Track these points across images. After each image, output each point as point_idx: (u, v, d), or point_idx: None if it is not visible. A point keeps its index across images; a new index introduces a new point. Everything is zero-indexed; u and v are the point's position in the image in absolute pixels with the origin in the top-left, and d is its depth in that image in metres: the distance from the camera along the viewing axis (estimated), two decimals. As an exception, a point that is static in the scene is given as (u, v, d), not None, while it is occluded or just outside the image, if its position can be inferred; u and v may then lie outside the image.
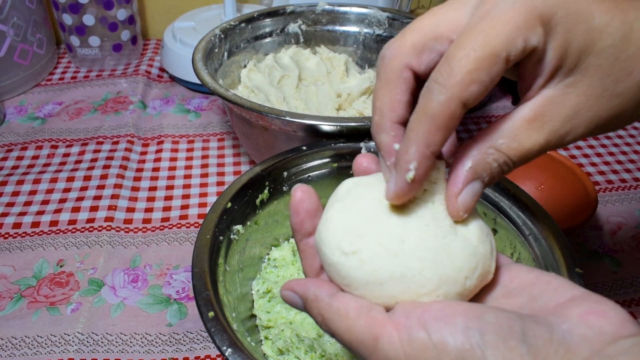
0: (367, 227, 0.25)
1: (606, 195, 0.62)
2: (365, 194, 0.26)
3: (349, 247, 0.24)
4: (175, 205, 0.58)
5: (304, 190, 0.27)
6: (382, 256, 0.24)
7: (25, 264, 0.51)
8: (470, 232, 0.25)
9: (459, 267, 0.24)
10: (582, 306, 0.22)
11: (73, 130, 0.69)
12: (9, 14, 0.71)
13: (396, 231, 0.24)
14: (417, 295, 0.24)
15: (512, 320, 0.21)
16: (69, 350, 0.43)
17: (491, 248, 0.26)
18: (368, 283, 0.24)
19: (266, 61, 0.66)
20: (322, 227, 0.26)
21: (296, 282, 0.26)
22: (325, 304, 0.24)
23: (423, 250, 0.24)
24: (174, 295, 0.49)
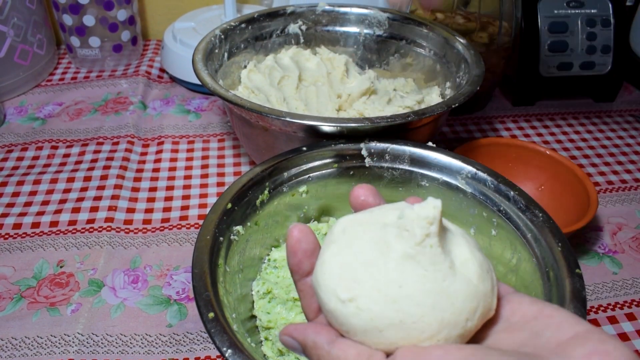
0: (363, 272, 0.24)
1: (606, 196, 0.62)
2: (361, 235, 0.26)
3: (345, 294, 0.24)
4: (176, 206, 0.58)
5: (300, 229, 0.27)
6: (379, 303, 0.23)
7: (25, 264, 0.51)
8: (470, 271, 0.25)
9: (459, 309, 0.24)
10: (586, 346, 0.21)
11: (73, 130, 0.69)
12: (9, 15, 0.71)
13: (393, 276, 0.24)
14: (417, 340, 0.23)
15: None
16: (69, 351, 0.43)
17: (492, 285, 0.25)
18: (367, 330, 0.24)
19: (266, 62, 0.66)
20: (318, 271, 0.26)
21: (295, 327, 0.26)
22: (324, 351, 0.24)
23: (422, 296, 0.23)
24: (174, 296, 0.49)
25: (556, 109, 0.77)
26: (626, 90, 0.81)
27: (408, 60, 0.67)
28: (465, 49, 0.60)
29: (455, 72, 0.60)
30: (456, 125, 0.73)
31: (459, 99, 0.50)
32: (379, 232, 0.25)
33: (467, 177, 0.44)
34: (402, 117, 0.47)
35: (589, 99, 0.80)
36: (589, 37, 0.73)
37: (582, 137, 0.72)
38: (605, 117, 0.76)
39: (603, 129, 0.73)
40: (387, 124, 0.46)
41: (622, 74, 0.76)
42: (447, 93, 0.61)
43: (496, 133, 0.72)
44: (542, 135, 0.72)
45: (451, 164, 0.45)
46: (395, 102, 0.60)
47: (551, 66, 0.73)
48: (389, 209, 0.27)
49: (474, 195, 0.44)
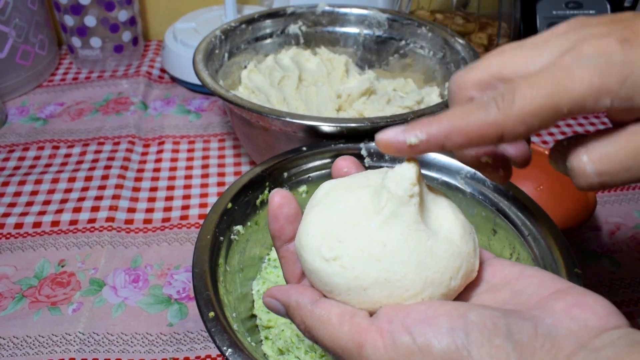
0: (347, 232, 0.24)
1: (605, 195, 0.62)
2: (344, 197, 0.26)
3: (329, 253, 0.24)
4: (176, 206, 0.58)
5: (282, 195, 0.27)
6: (364, 261, 0.23)
7: (26, 263, 0.51)
8: (453, 232, 0.25)
9: (442, 268, 0.24)
10: (566, 299, 0.22)
11: (74, 131, 0.69)
12: (11, 15, 0.71)
13: (377, 235, 0.24)
14: (401, 298, 0.23)
15: (497, 318, 0.21)
16: (70, 350, 0.44)
17: (474, 246, 0.26)
18: (350, 289, 0.24)
19: (266, 62, 0.66)
20: (302, 232, 0.26)
21: (278, 289, 0.26)
22: (307, 311, 0.24)
23: (406, 254, 0.23)
24: (174, 296, 0.49)
25: (555, 109, 0.77)
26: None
27: (407, 60, 0.67)
28: (464, 49, 0.60)
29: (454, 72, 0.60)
30: (456, 126, 0.73)
31: (458, 100, 0.51)
32: (363, 194, 0.25)
33: (466, 177, 0.44)
34: (401, 117, 0.48)
35: None
36: (588, 38, 0.73)
37: (581, 137, 0.72)
38: (604, 117, 0.76)
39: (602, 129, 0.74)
40: (386, 124, 0.47)
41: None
42: (446, 93, 0.61)
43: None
44: (540, 135, 0.72)
45: (450, 164, 0.45)
46: (395, 102, 0.60)
47: (550, 66, 0.74)
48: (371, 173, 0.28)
49: (473, 195, 0.44)
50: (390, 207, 0.24)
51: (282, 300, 0.25)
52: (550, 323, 0.21)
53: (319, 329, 0.23)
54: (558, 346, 0.20)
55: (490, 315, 0.21)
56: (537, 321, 0.21)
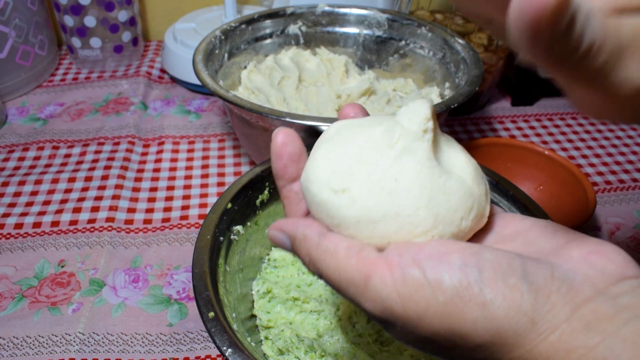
0: (358, 166, 0.24)
1: (605, 195, 0.62)
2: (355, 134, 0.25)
3: (339, 184, 0.23)
4: (176, 206, 0.58)
5: (286, 133, 0.26)
6: (374, 194, 0.23)
7: (26, 264, 0.51)
8: (465, 173, 0.24)
9: (454, 206, 0.23)
10: (583, 247, 0.21)
11: (74, 131, 0.69)
12: (11, 16, 0.71)
13: (389, 169, 0.23)
14: (411, 235, 0.23)
15: (512, 259, 0.20)
16: (70, 350, 0.44)
17: (486, 190, 0.25)
18: (359, 222, 0.23)
19: (266, 62, 0.66)
20: (310, 167, 0.25)
21: (285, 221, 0.25)
22: (314, 243, 0.23)
23: (418, 189, 0.23)
24: (174, 296, 0.49)
25: (555, 109, 0.77)
26: (625, 91, 0.82)
27: (407, 60, 0.67)
28: (464, 49, 0.60)
29: (454, 72, 0.60)
30: (455, 126, 0.73)
31: (458, 99, 0.51)
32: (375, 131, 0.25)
33: (466, 177, 0.44)
34: (401, 117, 0.48)
35: None
36: (588, 38, 0.73)
37: (580, 137, 0.72)
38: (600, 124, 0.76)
39: (601, 129, 0.74)
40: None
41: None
42: (446, 93, 0.61)
43: (495, 133, 0.72)
44: (540, 135, 0.72)
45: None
46: (395, 102, 0.60)
47: (550, 67, 0.74)
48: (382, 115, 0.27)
49: (473, 195, 0.44)
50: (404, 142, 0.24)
51: (289, 232, 0.24)
52: (568, 268, 0.20)
53: (324, 261, 0.22)
54: (575, 290, 0.19)
55: (505, 255, 0.20)
56: (553, 266, 0.20)
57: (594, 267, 0.20)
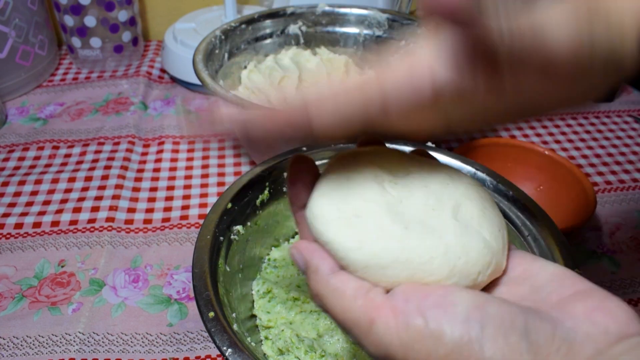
0: (365, 207, 0.23)
1: (605, 195, 0.62)
2: (365, 168, 0.25)
3: (345, 225, 0.23)
4: (176, 206, 0.58)
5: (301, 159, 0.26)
6: (383, 238, 0.22)
7: (26, 264, 0.51)
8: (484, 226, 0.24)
9: (473, 260, 0.22)
10: (587, 302, 0.21)
11: (74, 131, 0.69)
12: (11, 16, 0.71)
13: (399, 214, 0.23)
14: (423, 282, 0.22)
15: (515, 315, 0.20)
16: (70, 350, 0.44)
17: (504, 243, 0.24)
18: (367, 267, 0.22)
19: (266, 62, 0.66)
20: (314, 202, 0.24)
21: (306, 246, 0.25)
22: (323, 279, 0.23)
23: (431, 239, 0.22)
24: (174, 296, 0.49)
25: (555, 110, 0.77)
26: (625, 91, 0.82)
27: (407, 60, 0.67)
28: (464, 49, 0.60)
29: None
30: (455, 126, 0.73)
31: (458, 100, 0.51)
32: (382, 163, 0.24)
33: (466, 177, 0.44)
34: (401, 117, 0.48)
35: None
36: (588, 38, 0.73)
37: (580, 137, 0.72)
38: (604, 117, 0.76)
39: (602, 129, 0.74)
40: (386, 125, 0.47)
41: (621, 75, 0.76)
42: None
43: (495, 133, 0.72)
44: (540, 135, 0.72)
45: (451, 164, 0.45)
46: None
47: (550, 67, 0.74)
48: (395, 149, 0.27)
49: (473, 195, 0.44)
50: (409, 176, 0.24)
51: (306, 258, 0.24)
52: (570, 326, 0.20)
53: (331, 299, 0.23)
54: (575, 351, 0.19)
55: (509, 311, 0.20)
56: (556, 323, 0.20)
57: (597, 325, 0.20)
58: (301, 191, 0.27)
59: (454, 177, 0.26)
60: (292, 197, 0.27)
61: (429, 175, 0.25)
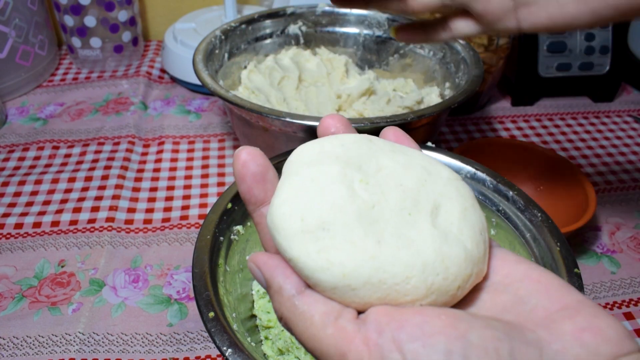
0: (333, 216, 0.20)
1: (605, 195, 0.62)
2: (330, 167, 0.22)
3: (312, 244, 0.20)
4: (176, 206, 0.58)
5: (248, 152, 0.24)
6: (354, 257, 0.20)
7: (26, 264, 0.51)
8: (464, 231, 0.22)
9: (453, 275, 0.21)
10: (576, 320, 0.20)
11: (74, 131, 0.69)
12: (11, 16, 0.71)
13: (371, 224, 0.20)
14: (396, 302, 0.20)
15: (499, 342, 0.19)
16: (70, 350, 0.44)
17: (485, 249, 0.22)
18: (336, 288, 0.20)
19: (266, 62, 0.66)
20: (276, 211, 0.21)
21: (265, 261, 0.22)
22: (289, 302, 0.21)
23: (409, 256, 0.20)
24: (174, 296, 0.49)
25: (555, 109, 0.77)
26: (624, 91, 0.82)
27: (407, 60, 0.67)
28: (464, 49, 0.60)
29: (454, 72, 0.60)
30: (455, 126, 0.73)
31: (458, 99, 0.51)
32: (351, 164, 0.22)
33: (466, 177, 0.45)
34: (401, 117, 0.48)
35: (588, 99, 0.80)
36: (588, 38, 0.73)
37: (580, 137, 0.72)
38: (604, 117, 0.76)
39: (601, 129, 0.74)
40: (386, 124, 0.47)
41: (620, 75, 0.76)
42: (446, 93, 0.61)
43: (495, 133, 0.72)
44: (540, 135, 0.72)
45: (450, 164, 0.45)
46: (395, 102, 0.60)
47: (550, 66, 0.74)
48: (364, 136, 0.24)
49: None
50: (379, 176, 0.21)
51: (266, 277, 0.22)
52: (558, 349, 0.19)
53: (298, 325, 0.21)
54: None
55: (493, 337, 0.19)
56: (542, 346, 0.19)
57: (587, 347, 0.19)
58: (253, 186, 0.24)
59: (431, 170, 0.23)
60: (244, 195, 0.24)
61: (404, 170, 0.23)
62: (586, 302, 0.20)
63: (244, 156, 0.23)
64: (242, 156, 0.23)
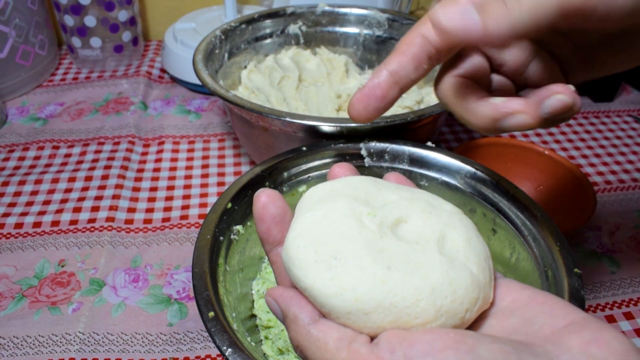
0: (344, 247, 0.22)
1: (605, 195, 0.62)
2: (340, 204, 0.23)
3: (324, 269, 0.21)
4: (176, 206, 0.58)
5: (268, 194, 0.25)
6: (365, 282, 0.21)
7: (26, 263, 0.51)
8: (470, 258, 0.23)
9: (461, 298, 0.21)
10: (583, 334, 0.20)
11: (74, 130, 0.69)
12: (11, 16, 0.71)
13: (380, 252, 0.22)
14: (408, 325, 0.21)
15: (508, 354, 0.19)
16: (70, 350, 0.44)
17: (491, 276, 0.23)
18: (350, 313, 0.21)
19: (266, 62, 0.66)
20: (291, 244, 0.23)
21: (281, 293, 0.24)
22: (304, 329, 0.22)
23: (418, 279, 0.21)
24: (174, 295, 0.49)
25: (555, 109, 0.77)
26: (624, 91, 0.82)
27: (407, 60, 0.67)
28: (464, 49, 0.60)
29: None
30: (455, 125, 0.73)
31: (458, 100, 0.51)
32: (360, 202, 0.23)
33: (466, 177, 0.45)
34: (401, 117, 0.48)
35: (588, 99, 0.80)
36: (588, 38, 0.73)
37: (580, 137, 0.72)
38: (604, 117, 0.76)
39: (601, 129, 0.74)
40: (386, 124, 0.47)
41: (620, 75, 0.76)
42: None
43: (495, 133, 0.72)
44: (540, 135, 0.72)
45: (450, 163, 0.45)
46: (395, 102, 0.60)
47: (550, 66, 0.74)
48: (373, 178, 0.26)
49: (473, 195, 0.44)
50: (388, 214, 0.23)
51: (282, 308, 0.23)
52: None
53: (314, 352, 0.22)
54: None
55: (501, 350, 0.19)
56: (552, 358, 0.19)
57: (594, 358, 0.19)
58: (271, 227, 0.25)
59: (435, 204, 0.25)
60: (263, 235, 0.26)
61: (409, 203, 0.24)
62: (591, 318, 0.21)
63: (264, 199, 0.25)
64: (262, 198, 0.25)
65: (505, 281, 0.24)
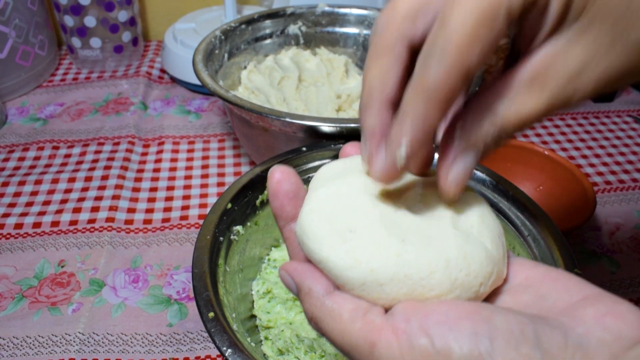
0: (359, 220, 0.22)
1: (604, 196, 0.62)
2: (353, 179, 0.24)
3: (338, 242, 0.22)
4: (176, 206, 0.58)
5: (282, 171, 0.25)
6: (380, 254, 0.21)
7: (26, 264, 0.51)
8: (484, 233, 0.23)
9: (475, 272, 0.21)
10: (597, 307, 0.20)
11: (74, 131, 0.69)
12: (11, 16, 0.71)
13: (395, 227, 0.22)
14: (423, 297, 0.21)
15: (524, 324, 0.19)
16: (70, 350, 0.44)
17: (504, 252, 0.23)
18: (364, 284, 0.21)
19: (266, 62, 0.66)
20: (305, 218, 0.23)
21: (295, 267, 0.24)
22: (318, 301, 0.22)
23: (434, 251, 0.21)
24: (174, 296, 0.49)
25: (555, 110, 0.77)
26: (624, 91, 0.82)
27: (407, 60, 0.67)
28: (464, 49, 0.60)
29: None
30: (455, 126, 0.73)
31: (457, 100, 0.51)
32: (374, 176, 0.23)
33: (466, 177, 0.44)
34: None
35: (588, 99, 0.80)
36: (588, 38, 0.73)
37: (580, 137, 0.72)
38: (604, 117, 0.76)
39: (601, 129, 0.74)
40: (386, 125, 0.47)
41: (620, 75, 0.76)
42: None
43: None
44: (540, 135, 0.72)
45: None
46: (395, 102, 0.60)
47: (550, 67, 0.74)
48: None
49: (473, 195, 0.44)
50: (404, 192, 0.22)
51: (296, 281, 0.23)
52: (582, 332, 0.19)
53: (328, 323, 0.22)
54: (590, 357, 0.19)
55: (517, 321, 0.19)
56: (567, 330, 0.19)
57: (610, 330, 0.19)
58: (285, 203, 0.25)
59: None
60: (276, 211, 0.26)
61: (422, 181, 0.24)
62: (605, 293, 0.21)
63: (278, 175, 0.25)
64: (276, 175, 0.25)
65: (519, 259, 0.24)
